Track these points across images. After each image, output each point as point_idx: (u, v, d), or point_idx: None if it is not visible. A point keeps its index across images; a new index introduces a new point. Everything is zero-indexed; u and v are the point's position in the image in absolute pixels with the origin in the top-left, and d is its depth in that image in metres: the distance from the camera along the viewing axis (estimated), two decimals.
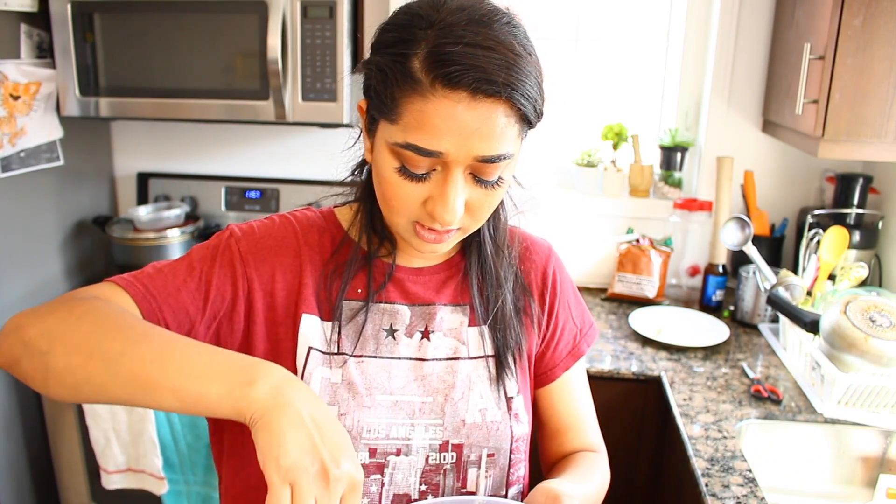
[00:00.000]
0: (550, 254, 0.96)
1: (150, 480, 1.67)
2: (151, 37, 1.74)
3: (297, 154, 2.15)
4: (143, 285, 0.76)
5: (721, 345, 1.71)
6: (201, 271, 0.79)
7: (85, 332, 0.65)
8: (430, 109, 0.66)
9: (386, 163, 0.72)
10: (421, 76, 0.66)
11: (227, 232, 0.84)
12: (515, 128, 0.70)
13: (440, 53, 0.66)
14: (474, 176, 0.72)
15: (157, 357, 0.64)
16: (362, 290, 0.85)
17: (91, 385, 0.64)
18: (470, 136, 0.67)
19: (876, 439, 1.35)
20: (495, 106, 0.67)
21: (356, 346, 0.83)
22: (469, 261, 0.88)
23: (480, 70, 0.65)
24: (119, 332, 0.66)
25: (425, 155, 0.68)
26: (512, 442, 0.85)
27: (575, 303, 0.97)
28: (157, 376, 0.63)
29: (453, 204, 0.71)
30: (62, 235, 1.99)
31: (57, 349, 0.65)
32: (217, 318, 0.80)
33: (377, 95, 0.71)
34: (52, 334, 0.66)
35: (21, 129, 1.75)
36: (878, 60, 1.42)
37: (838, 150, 1.49)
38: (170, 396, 0.63)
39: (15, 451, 1.83)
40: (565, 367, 0.94)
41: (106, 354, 0.64)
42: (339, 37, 1.66)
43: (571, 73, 2.11)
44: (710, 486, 1.14)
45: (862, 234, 1.78)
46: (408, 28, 0.69)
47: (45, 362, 0.65)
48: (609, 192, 2.08)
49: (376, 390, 0.81)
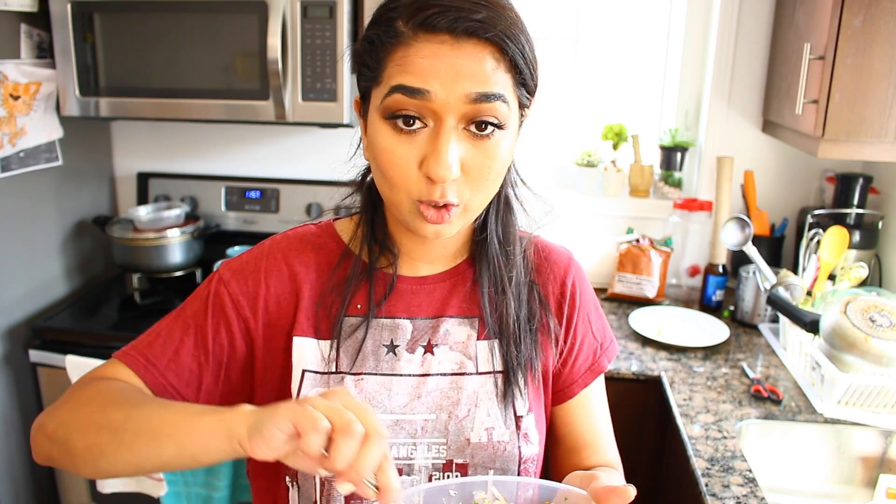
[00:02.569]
0: (570, 264, 0.90)
1: (148, 483, 1.67)
2: (151, 37, 1.74)
3: (297, 154, 2.15)
4: (143, 357, 0.79)
5: (721, 345, 1.70)
6: (196, 327, 0.81)
7: (91, 412, 0.72)
8: (413, 52, 0.66)
9: (378, 132, 0.70)
10: (403, 28, 0.67)
11: (216, 277, 0.84)
12: (507, 77, 0.68)
13: (419, 3, 0.67)
14: (467, 131, 0.69)
15: (156, 413, 0.69)
16: (362, 305, 0.82)
17: (107, 457, 0.69)
18: (457, 75, 0.66)
19: (876, 439, 1.35)
20: (481, 48, 0.66)
21: (354, 363, 0.81)
22: (479, 269, 0.84)
23: (460, 10, 0.65)
24: (121, 403, 0.72)
25: (411, 94, 0.66)
26: (520, 463, 0.81)
27: (595, 316, 0.92)
28: (156, 427, 0.67)
29: (446, 157, 0.67)
30: (62, 235, 1.99)
31: (73, 435, 0.71)
32: (222, 365, 0.81)
33: (366, 67, 0.71)
34: (66, 424, 0.72)
35: (21, 129, 1.75)
36: (878, 60, 1.42)
37: (838, 150, 1.49)
38: (169, 443, 0.66)
39: (15, 452, 1.83)
40: (584, 384, 0.90)
41: (112, 424, 0.70)
42: (339, 37, 1.66)
43: (571, 73, 2.11)
44: (710, 486, 1.14)
45: (862, 234, 1.78)
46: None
47: (68, 449, 0.71)
48: (609, 192, 2.08)
49: (376, 409, 0.79)
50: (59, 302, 1.97)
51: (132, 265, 1.96)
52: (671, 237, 2.04)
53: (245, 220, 2.12)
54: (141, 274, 1.97)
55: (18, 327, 1.82)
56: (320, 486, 0.79)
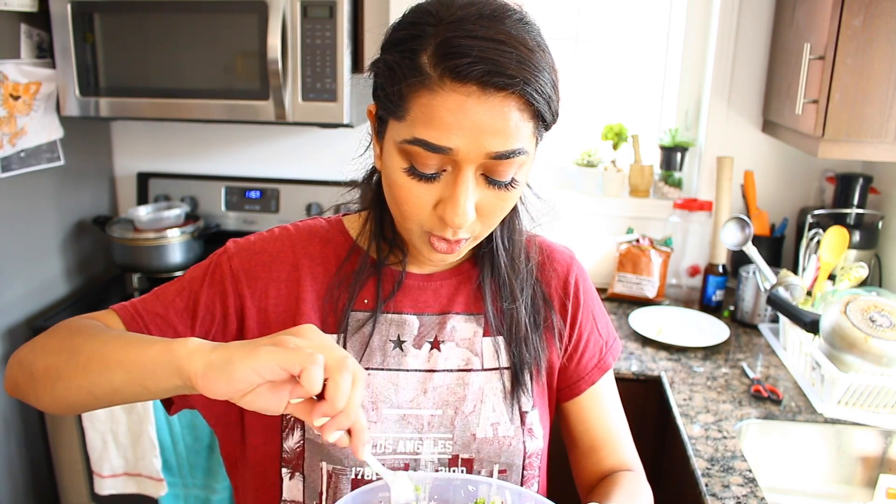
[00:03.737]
0: (572, 263, 0.91)
1: (147, 483, 1.67)
2: (151, 37, 1.74)
3: (297, 154, 2.15)
4: (133, 307, 0.80)
5: (721, 345, 1.70)
6: (190, 290, 0.81)
7: (59, 338, 0.73)
8: (439, 103, 0.64)
9: (395, 164, 0.69)
10: (429, 70, 0.65)
11: (223, 249, 0.84)
12: (529, 125, 0.68)
13: (449, 46, 0.64)
14: (486, 177, 0.69)
15: (111, 340, 0.69)
16: (369, 300, 0.83)
17: (63, 380, 0.69)
18: (481, 133, 0.65)
19: (876, 439, 1.35)
20: (507, 101, 0.65)
21: (361, 358, 0.81)
22: (482, 271, 0.85)
23: (490, 62, 0.63)
24: (87, 332, 0.72)
25: (434, 151, 0.66)
26: (525, 458, 0.82)
27: (600, 314, 0.93)
28: (109, 352, 0.67)
29: (464, 206, 0.68)
30: (62, 235, 1.99)
31: (37, 358, 0.73)
32: (209, 333, 0.81)
33: (385, 94, 0.69)
34: (35, 349, 0.75)
35: (21, 129, 1.75)
36: (878, 60, 1.42)
37: (838, 150, 1.49)
38: (119, 369, 0.66)
39: (15, 452, 1.83)
40: (591, 381, 0.91)
41: (71, 347, 0.70)
42: (339, 37, 1.66)
43: (571, 73, 2.11)
44: (710, 486, 1.14)
45: (862, 234, 1.77)
46: (417, 25, 0.67)
47: (32, 373, 0.72)
48: (609, 192, 2.08)
49: (383, 404, 0.80)
50: (59, 302, 1.97)
51: (132, 265, 1.96)
52: (671, 237, 2.04)
53: (245, 220, 2.13)
54: (141, 274, 1.97)
55: (18, 327, 1.82)
56: (327, 478, 0.79)
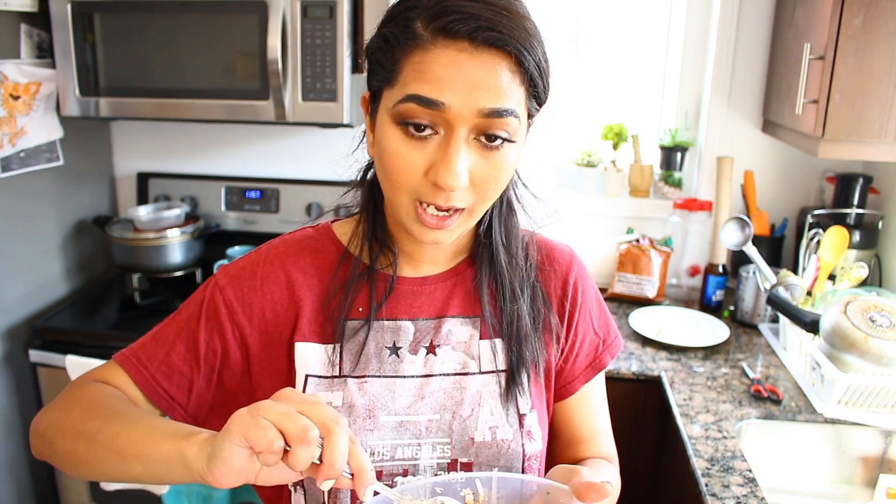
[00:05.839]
0: (572, 261, 0.90)
1: None
2: (151, 37, 1.74)
3: (297, 154, 2.15)
4: (136, 358, 0.81)
5: (721, 345, 1.71)
6: (188, 330, 0.81)
7: (74, 418, 0.74)
8: (431, 58, 0.66)
9: (388, 133, 0.70)
10: (422, 31, 0.67)
11: (213, 282, 0.84)
12: (521, 90, 0.69)
13: (440, 7, 0.66)
14: (478, 141, 0.69)
15: (124, 429, 0.70)
16: (363, 308, 0.82)
17: (83, 465, 0.72)
18: (473, 88, 0.65)
19: (876, 439, 1.35)
20: (499, 59, 0.66)
21: (357, 366, 0.81)
22: (480, 270, 0.84)
23: (481, 19, 0.65)
24: (99, 413, 0.73)
25: (426, 105, 0.66)
26: (524, 461, 0.81)
27: (598, 312, 0.92)
28: (123, 445, 0.69)
29: (455, 166, 0.67)
30: (62, 235, 1.99)
31: (57, 438, 0.74)
32: (215, 370, 0.81)
33: (380, 66, 0.70)
34: (53, 426, 0.76)
35: (21, 129, 1.75)
36: (878, 60, 1.42)
37: (838, 150, 1.49)
38: (136, 463, 0.67)
39: (15, 452, 1.83)
40: (585, 380, 0.90)
41: (88, 434, 0.71)
42: (339, 37, 1.66)
43: (571, 73, 2.11)
44: (710, 486, 1.14)
45: (862, 234, 1.77)
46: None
47: (54, 450, 0.75)
48: (609, 192, 2.08)
49: (380, 411, 0.79)
50: (59, 302, 1.97)
51: (132, 265, 1.96)
52: (671, 237, 2.04)
53: (245, 220, 2.12)
54: (141, 274, 1.97)
55: (18, 327, 1.82)
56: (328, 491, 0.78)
